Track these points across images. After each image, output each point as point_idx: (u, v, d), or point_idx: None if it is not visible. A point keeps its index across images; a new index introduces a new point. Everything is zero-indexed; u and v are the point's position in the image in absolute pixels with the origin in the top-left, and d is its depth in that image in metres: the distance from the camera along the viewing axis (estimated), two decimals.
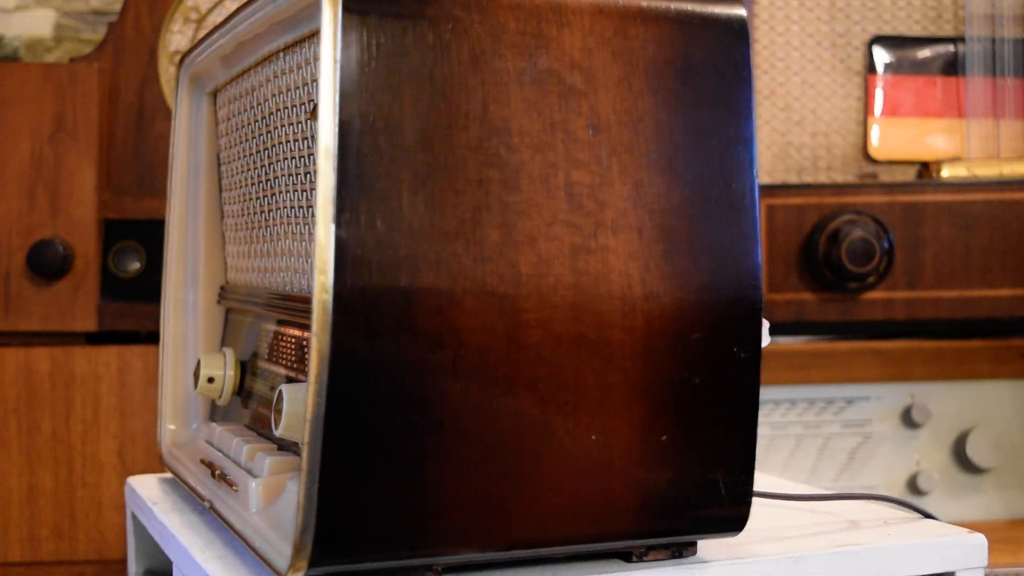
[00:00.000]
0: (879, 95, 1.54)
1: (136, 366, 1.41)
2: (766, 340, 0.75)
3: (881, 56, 1.55)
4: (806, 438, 1.47)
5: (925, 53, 1.56)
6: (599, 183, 0.62)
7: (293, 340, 0.74)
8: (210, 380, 0.84)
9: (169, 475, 0.94)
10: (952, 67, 1.56)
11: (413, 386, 0.59)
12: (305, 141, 0.71)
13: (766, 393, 1.47)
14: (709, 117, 0.65)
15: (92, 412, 1.41)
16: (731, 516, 0.66)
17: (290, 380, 0.73)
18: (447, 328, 0.59)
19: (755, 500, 0.72)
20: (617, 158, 0.63)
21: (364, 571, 0.61)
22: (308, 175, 0.71)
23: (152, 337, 1.43)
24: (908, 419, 1.47)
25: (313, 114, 0.66)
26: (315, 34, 0.68)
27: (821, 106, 1.52)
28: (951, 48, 1.56)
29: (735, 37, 0.65)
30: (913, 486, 1.46)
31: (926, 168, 1.54)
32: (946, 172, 1.50)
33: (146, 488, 0.91)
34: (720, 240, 0.64)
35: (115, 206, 1.46)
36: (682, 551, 0.67)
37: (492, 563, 0.66)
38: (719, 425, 0.64)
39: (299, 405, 0.63)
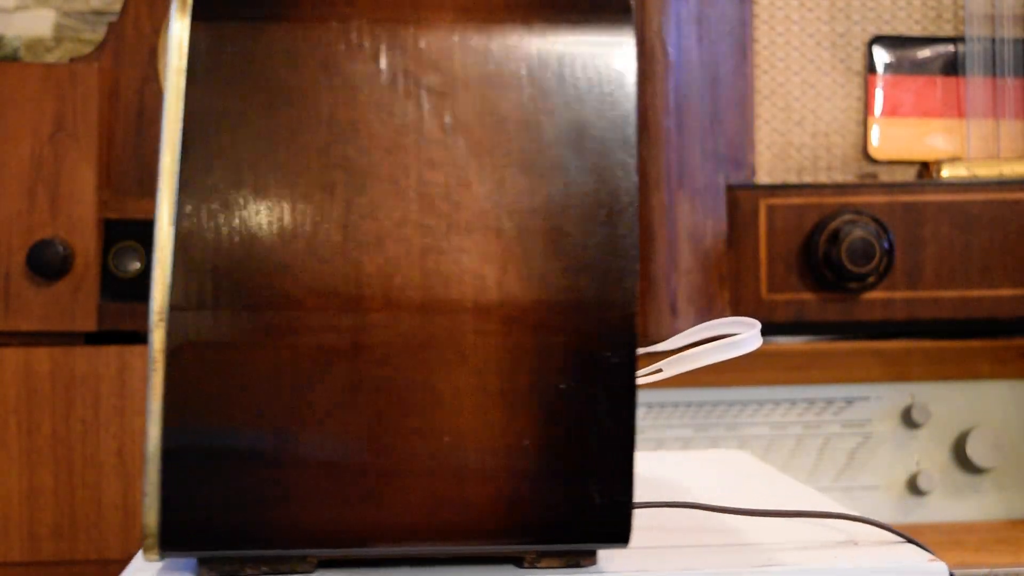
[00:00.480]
0: (879, 95, 1.54)
1: (136, 366, 1.41)
2: (758, 342, 0.73)
3: (881, 56, 1.55)
4: (806, 438, 1.47)
5: (925, 53, 1.56)
6: (454, 184, 0.62)
7: None
8: None
9: None
10: (952, 67, 1.56)
11: (252, 383, 0.60)
12: None
13: (766, 393, 1.47)
14: (583, 116, 0.63)
15: (92, 412, 1.41)
16: (610, 526, 0.63)
17: None
18: (288, 328, 0.60)
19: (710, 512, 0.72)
20: (476, 159, 0.62)
21: (233, 558, 0.62)
22: None
23: None
24: (908, 419, 1.47)
25: None
26: None
27: (821, 106, 1.52)
28: (951, 48, 1.56)
29: (617, 32, 0.64)
30: (913, 486, 1.46)
31: (926, 168, 1.54)
32: (946, 172, 1.50)
33: None
34: (590, 242, 0.62)
35: (115, 206, 1.46)
36: (579, 560, 0.65)
37: (374, 560, 0.66)
38: (590, 432, 0.62)
39: None
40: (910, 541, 0.73)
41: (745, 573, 0.67)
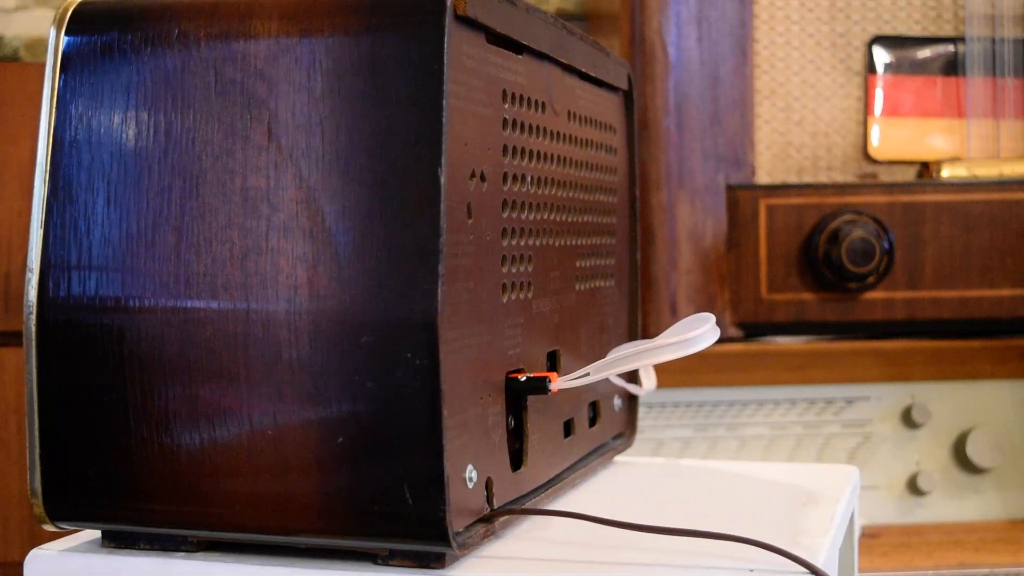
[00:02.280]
0: (879, 95, 1.54)
1: None
2: (712, 338, 0.72)
3: (881, 56, 1.55)
4: (806, 438, 1.47)
5: (925, 53, 1.56)
6: (273, 187, 0.65)
7: None
8: None
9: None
10: (952, 67, 1.56)
11: (100, 373, 0.68)
12: None
13: (766, 393, 1.47)
14: (393, 117, 0.64)
15: None
16: (426, 528, 0.64)
17: None
18: (128, 324, 0.67)
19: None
20: (293, 163, 0.65)
21: (127, 533, 0.71)
22: None
23: None
24: (908, 419, 1.47)
25: None
26: None
27: (821, 106, 1.52)
28: (951, 48, 1.56)
29: (427, 31, 0.64)
30: (913, 486, 1.46)
31: (926, 168, 1.54)
32: (946, 172, 1.50)
33: None
34: (394, 243, 0.64)
35: None
36: (429, 563, 0.67)
37: (251, 545, 0.70)
38: (400, 432, 0.64)
39: None
40: (813, 573, 0.68)
41: None
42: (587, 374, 0.75)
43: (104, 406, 0.68)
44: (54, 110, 0.69)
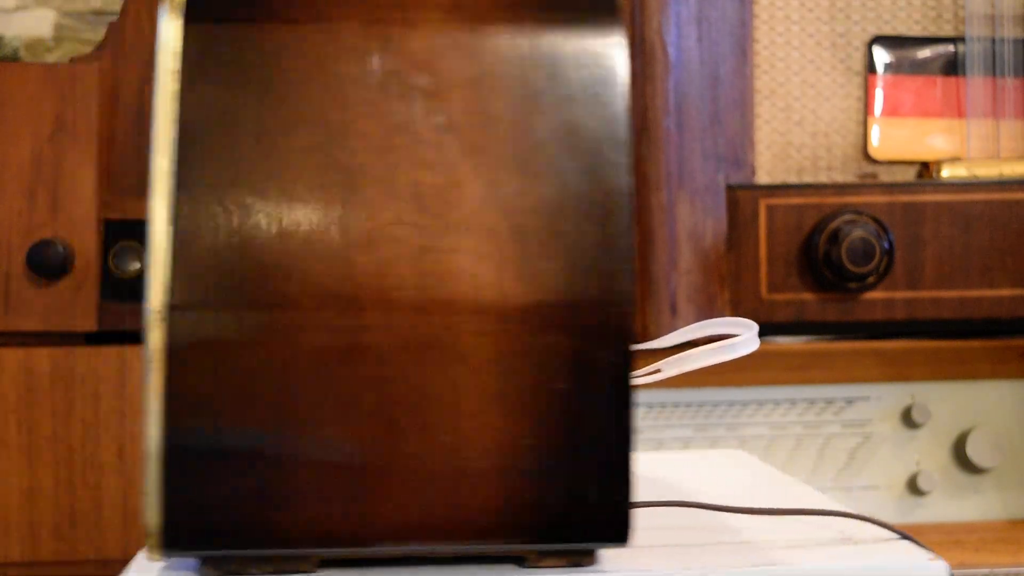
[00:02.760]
0: (879, 95, 1.54)
1: (137, 366, 1.41)
2: (755, 344, 0.73)
3: (881, 56, 1.55)
4: (806, 438, 1.47)
5: (925, 53, 1.56)
6: (447, 184, 0.62)
7: None
8: None
9: None
10: (952, 67, 1.56)
11: (249, 383, 0.60)
12: None
13: (766, 393, 1.47)
14: (575, 116, 0.63)
15: (92, 412, 1.41)
16: (608, 525, 0.63)
17: None
18: (285, 327, 0.60)
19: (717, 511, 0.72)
20: (469, 159, 0.62)
21: (234, 557, 0.62)
22: None
23: None
24: (908, 419, 1.47)
25: None
26: None
27: (821, 106, 1.52)
28: (951, 48, 1.56)
29: (608, 31, 0.64)
30: (913, 486, 1.46)
31: (926, 168, 1.54)
32: (946, 172, 1.50)
33: None
34: (585, 241, 0.62)
35: (115, 206, 1.46)
36: (580, 560, 0.65)
37: (376, 560, 0.66)
38: (588, 431, 0.62)
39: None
40: (908, 539, 0.72)
41: (745, 572, 0.66)
42: (658, 371, 0.75)
43: (247, 417, 0.61)
44: (175, 94, 0.61)
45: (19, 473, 1.40)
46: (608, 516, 0.63)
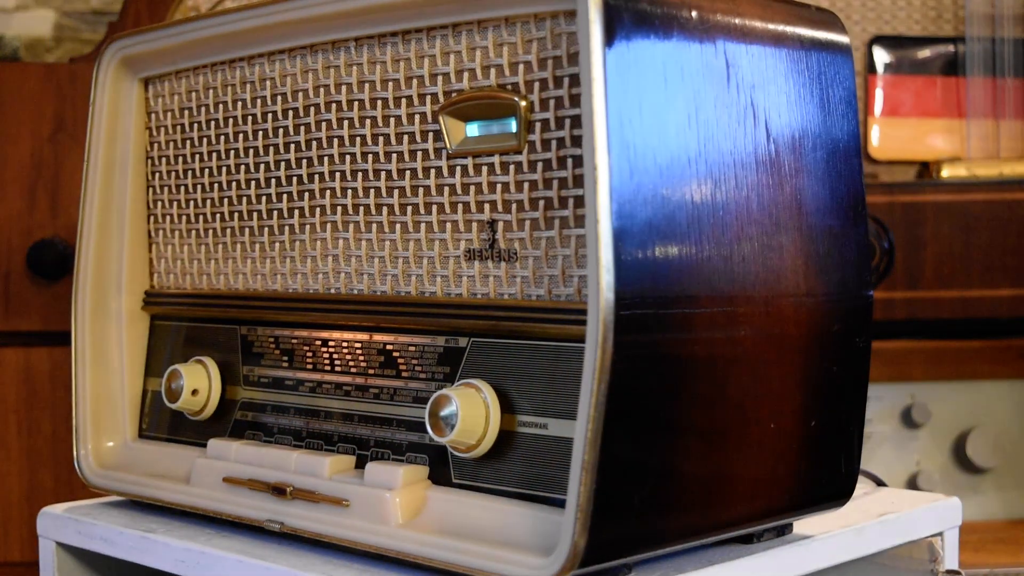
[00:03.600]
0: (879, 95, 1.54)
1: None
2: None
3: (881, 56, 1.55)
4: None
5: (925, 53, 1.56)
6: (772, 183, 0.66)
7: (385, 345, 0.73)
8: (194, 392, 0.80)
9: (95, 501, 0.87)
10: (952, 67, 1.56)
11: (664, 383, 0.61)
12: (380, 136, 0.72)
13: None
14: (837, 130, 0.70)
15: None
16: (842, 494, 0.70)
17: (378, 389, 0.73)
18: (687, 324, 0.61)
19: None
20: (784, 162, 0.67)
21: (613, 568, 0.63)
22: (370, 172, 0.72)
23: None
24: (908, 419, 1.47)
25: (444, 108, 0.68)
26: (435, 28, 0.69)
27: None
28: (951, 48, 1.56)
29: (844, 55, 0.72)
30: (913, 486, 1.46)
31: (926, 168, 1.54)
32: (946, 172, 1.50)
33: (96, 516, 0.82)
34: (848, 240, 0.69)
35: None
36: (783, 530, 0.71)
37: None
38: (844, 409, 0.69)
39: (476, 409, 0.65)
40: (880, 483, 0.81)
41: (874, 521, 0.75)
42: None
43: (659, 418, 0.61)
44: (605, 99, 0.58)
45: (19, 473, 1.40)
46: (847, 483, 0.70)
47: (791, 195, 0.66)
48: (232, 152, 0.81)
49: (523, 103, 0.64)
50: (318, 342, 0.76)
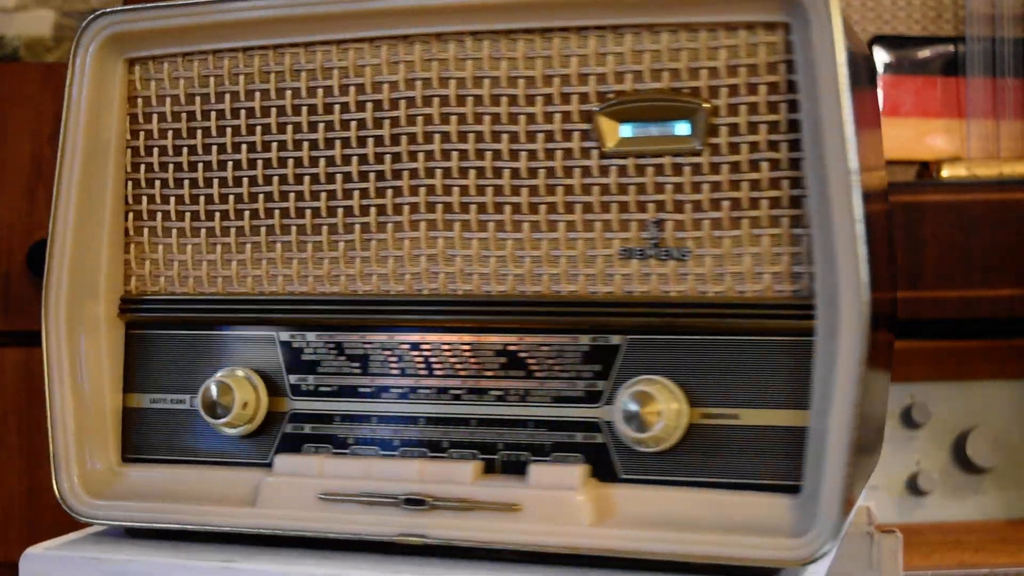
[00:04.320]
0: (879, 95, 1.54)
1: None
2: None
3: (881, 56, 1.55)
4: None
5: (925, 53, 1.56)
6: None
7: (506, 346, 0.72)
8: (244, 406, 0.74)
9: (79, 535, 0.78)
10: (952, 67, 1.56)
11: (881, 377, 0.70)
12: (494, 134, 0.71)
13: None
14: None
15: None
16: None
17: (523, 389, 0.72)
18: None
19: None
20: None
21: None
22: (469, 170, 0.71)
23: None
24: (908, 419, 1.47)
25: (604, 108, 0.69)
26: (587, 28, 0.69)
27: None
28: (951, 48, 1.56)
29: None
30: (913, 486, 1.46)
31: (926, 168, 1.54)
32: (946, 172, 1.50)
33: (104, 550, 0.73)
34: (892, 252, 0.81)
35: None
36: None
37: None
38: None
39: (674, 404, 0.67)
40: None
41: None
42: None
43: (874, 406, 0.71)
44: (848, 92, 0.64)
45: (19, 473, 1.40)
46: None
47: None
48: (275, 145, 0.75)
49: (706, 106, 0.67)
50: (405, 345, 0.73)
